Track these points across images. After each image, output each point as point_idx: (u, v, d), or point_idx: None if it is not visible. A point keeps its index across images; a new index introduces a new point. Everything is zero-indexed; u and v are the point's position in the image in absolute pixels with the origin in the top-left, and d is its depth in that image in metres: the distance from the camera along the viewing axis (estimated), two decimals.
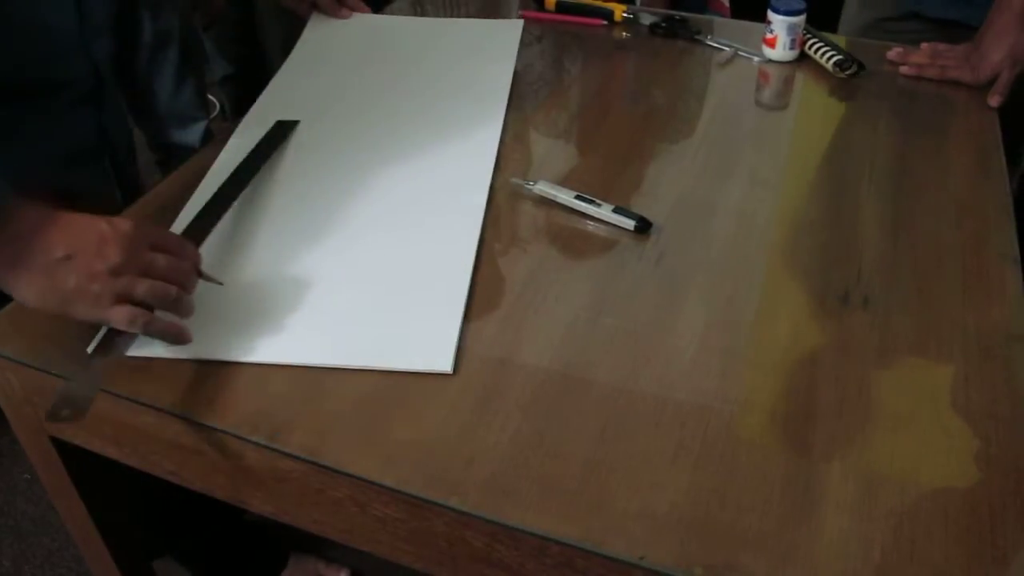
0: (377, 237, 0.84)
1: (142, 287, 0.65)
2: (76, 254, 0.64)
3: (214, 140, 1.02)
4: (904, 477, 0.60)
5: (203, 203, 0.86)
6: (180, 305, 0.68)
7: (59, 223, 0.65)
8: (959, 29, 1.22)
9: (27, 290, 0.64)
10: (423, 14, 1.35)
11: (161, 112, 1.59)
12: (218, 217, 0.82)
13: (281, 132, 1.00)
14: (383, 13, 1.35)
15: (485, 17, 1.34)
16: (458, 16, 1.36)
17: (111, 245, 0.64)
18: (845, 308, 0.75)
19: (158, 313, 0.67)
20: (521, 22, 1.28)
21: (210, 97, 2.56)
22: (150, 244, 0.67)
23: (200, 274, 0.71)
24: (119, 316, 0.65)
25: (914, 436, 0.63)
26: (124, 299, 0.65)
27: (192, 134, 1.62)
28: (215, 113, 2.60)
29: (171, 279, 0.67)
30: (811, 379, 0.68)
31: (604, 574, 0.57)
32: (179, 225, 0.85)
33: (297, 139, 1.00)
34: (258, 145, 0.96)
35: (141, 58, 1.49)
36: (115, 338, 0.67)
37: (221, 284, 0.73)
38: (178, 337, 0.68)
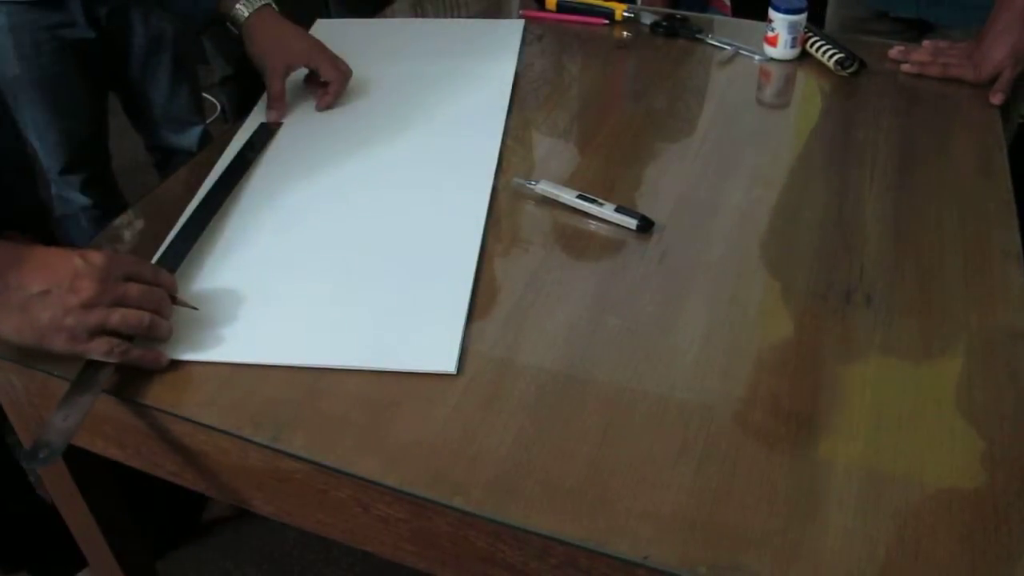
0: (380, 237, 0.84)
1: (115, 317, 0.66)
2: (51, 289, 0.65)
3: (214, 142, 1.02)
4: (908, 476, 0.60)
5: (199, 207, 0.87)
6: (155, 331, 0.69)
7: (32, 259, 0.66)
8: (927, 28, 1.24)
9: (3, 325, 0.66)
10: (423, 15, 1.35)
11: (156, 116, 1.59)
12: (194, 240, 0.82)
13: (263, 136, 1.00)
14: (383, 14, 1.35)
15: (486, 17, 1.34)
16: (459, 16, 1.36)
17: (84, 279, 0.65)
18: (848, 307, 0.75)
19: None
20: (522, 22, 1.28)
21: (211, 98, 2.56)
22: (123, 275, 0.68)
23: (174, 300, 0.72)
24: (97, 348, 0.66)
25: (918, 435, 0.63)
26: (99, 331, 0.66)
27: (189, 138, 1.62)
28: (216, 114, 2.60)
29: (145, 307, 0.68)
30: (814, 378, 0.68)
31: (608, 574, 0.57)
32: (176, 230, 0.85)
33: (299, 140, 1.00)
34: (238, 154, 0.96)
35: (133, 62, 1.49)
36: (94, 373, 0.67)
37: (196, 309, 0.73)
38: (155, 363, 0.69)
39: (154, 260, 0.79)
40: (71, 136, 1.48)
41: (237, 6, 1.03)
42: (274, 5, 1.06)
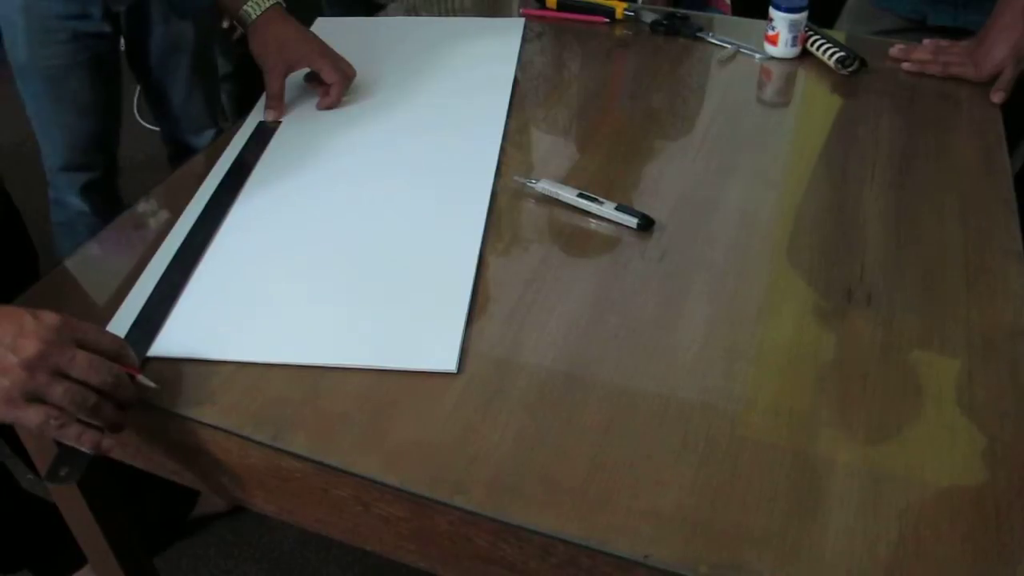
0: (380, 237, 0.83)
1: (58, 389, 0.60)
2: None
3: (214, 142, 1.02)
4: (909, 474, 0.60)
5: (199, 209, 0.87)
6: (98, 415, 0.62)
7: None
8: (967, 36, 1.22)
9: None
10: (417, 16, 1.35)
11: (174, 113, 1.60)
12: (166, 311, 0.75)
13: (261, 137, 1.00)
14: (380, 15, 1.35)
15: (486, 16, 1.34)
16: (458, 15, 1.36)
17: (29, 338, 0.59)
18: (848, 305, 0.75)
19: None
20: (522, 20, 1.28)
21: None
22: (76, 341, 0.62)
23: (133, 379, 0.65)
24: (31, 417, 0.60)
25: (919, 433, 0.63)
26: (37, 397, 0.60)
27: (203, 139, 1.64)
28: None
29: (92, 381, 0.61)
30: (815, 376, 0.68)
31: (609, 572, 0.57)
32: (179, 230, 0.85)
33: (297, 138, 1.00)
34: (230, 169, 0.95)
35: (153, 59, 1.51)
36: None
37: (156, 387, 0.67)
38: (95, 448, 0.62)
39: (124, 331, 0.72)
40: (73, 132, 1.46)
41: (245, 7, 1.04)
42: (283, 3, 1.06)
